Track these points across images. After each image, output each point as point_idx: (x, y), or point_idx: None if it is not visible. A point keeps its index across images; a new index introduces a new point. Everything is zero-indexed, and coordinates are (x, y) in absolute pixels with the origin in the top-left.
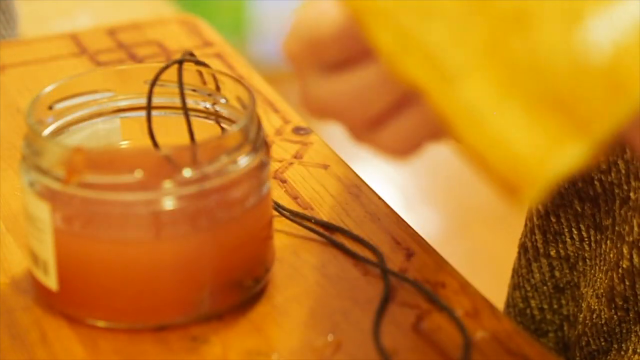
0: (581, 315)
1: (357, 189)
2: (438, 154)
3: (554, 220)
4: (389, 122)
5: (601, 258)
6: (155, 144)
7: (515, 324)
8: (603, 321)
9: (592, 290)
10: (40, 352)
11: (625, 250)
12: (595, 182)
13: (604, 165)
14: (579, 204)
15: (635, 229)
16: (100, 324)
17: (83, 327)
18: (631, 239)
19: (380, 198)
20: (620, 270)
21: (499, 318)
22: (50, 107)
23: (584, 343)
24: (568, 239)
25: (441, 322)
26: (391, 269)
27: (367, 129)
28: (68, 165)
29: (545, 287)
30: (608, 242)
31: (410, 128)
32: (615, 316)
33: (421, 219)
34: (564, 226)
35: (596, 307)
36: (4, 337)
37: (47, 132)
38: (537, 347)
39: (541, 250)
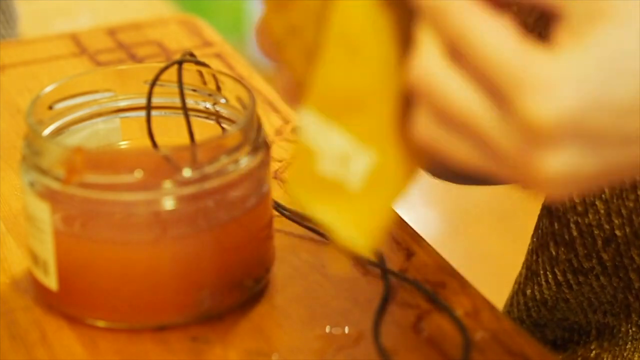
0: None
1: None
2: None
3: (534, 257)
4: None
5: (593, 293)
6: (155, 144)
7: (515, 324)
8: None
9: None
10: (40, 352)
11: (633, 277)
12: (572, 225)
13: (580, 207)
14: (554, 247)
15: (636, 258)
16: (100, 324)
17: (83, 327)
18: (635, 266)
19: None
20: (634, 291)
21: (499, 318)
22: (50, 107)
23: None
24: (544, 282)
25: (441, 322)
26: (391, 269)
27: None
28: (68, 165)
29: (524, 325)
30: (601, 277)
31: None
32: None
33: (421, 219)
34: (540, 267)
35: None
36: (4, 337)
37: (47, 132)
38: (537, 347)
39: (521, 285)
